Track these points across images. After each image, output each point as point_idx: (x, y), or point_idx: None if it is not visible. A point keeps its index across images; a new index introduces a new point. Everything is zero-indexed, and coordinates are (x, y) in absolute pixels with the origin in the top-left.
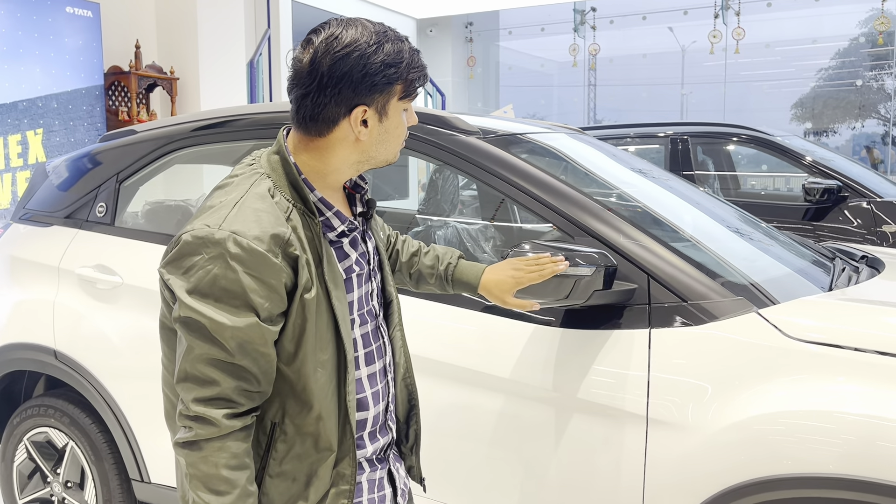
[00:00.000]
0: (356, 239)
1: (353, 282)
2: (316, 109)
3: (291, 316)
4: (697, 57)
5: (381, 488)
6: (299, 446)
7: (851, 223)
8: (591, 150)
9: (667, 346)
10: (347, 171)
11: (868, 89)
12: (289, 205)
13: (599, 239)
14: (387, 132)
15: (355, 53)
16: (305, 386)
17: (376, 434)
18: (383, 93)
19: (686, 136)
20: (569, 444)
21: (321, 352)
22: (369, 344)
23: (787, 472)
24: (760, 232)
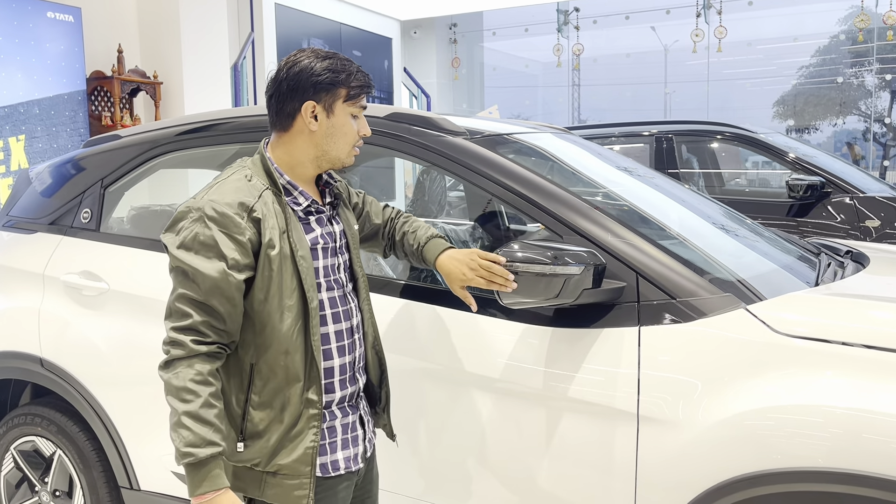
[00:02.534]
0: (322, 219)
1: (319, 252)
2: (279, 105)
3: (259, 268)
4: (680, 56)
5: (353, 430)
6: (273, 379)
7: (835, 219)
8: (577, 149)
9: (656, 344)
10: (309, 165)
11: (849, 86)
12: (263, 187)
13: (588, 238)
14: (334, 128)
15: (305, 62)
16: (274, 327)
17: (346, 383)
18: (328, 92)
19: (671, 135)
20: (560, 443)
21: (287, 298)
22: (336, 306)
23: (777, 467)
24: (746, 228)
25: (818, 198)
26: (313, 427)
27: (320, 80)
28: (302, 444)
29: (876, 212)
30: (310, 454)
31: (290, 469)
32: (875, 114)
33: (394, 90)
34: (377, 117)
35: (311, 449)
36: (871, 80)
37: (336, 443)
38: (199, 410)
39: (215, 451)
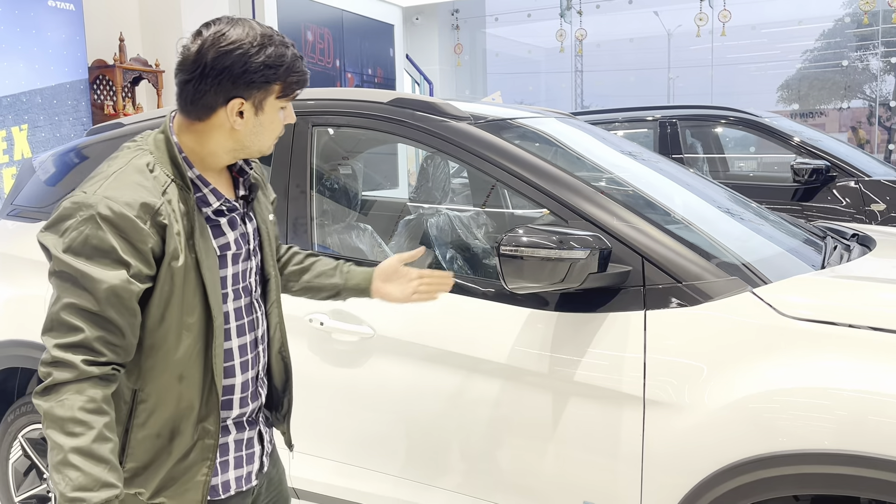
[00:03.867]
0: (235, 220)
1: (228, 259)
2: (196, 95)
3: (159, 282)
4: (684, 41)
5: (249, 447)
6: (162, 406)
7: (840, 202)
8: (581, 133)
9: (662, 328)
10: (224, 156)
11: (853, 70)
12: (167, 179)
13: (593, 222)
14: (261, 125)
15: (238, 51)
16: (169, 349)
17: (247, 400)
18: (261, 90)
19: (675, 120)
20: (566, 428)
21: (188, 316)
22: (241, 317)
23: (784, 449)
24: (751, 212)
25: (823, 182)
26: (207, 459)
27: (254, 80)
28: (194, 476)
29: (882, 195)
30: (201, 486)
31: (179, 501)
32: (880, 97)
33: (396, 77)
34: (381, 103)
35: (202, 481)
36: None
37: (228, 462)
38: (92, 445)
39: (111, 493)
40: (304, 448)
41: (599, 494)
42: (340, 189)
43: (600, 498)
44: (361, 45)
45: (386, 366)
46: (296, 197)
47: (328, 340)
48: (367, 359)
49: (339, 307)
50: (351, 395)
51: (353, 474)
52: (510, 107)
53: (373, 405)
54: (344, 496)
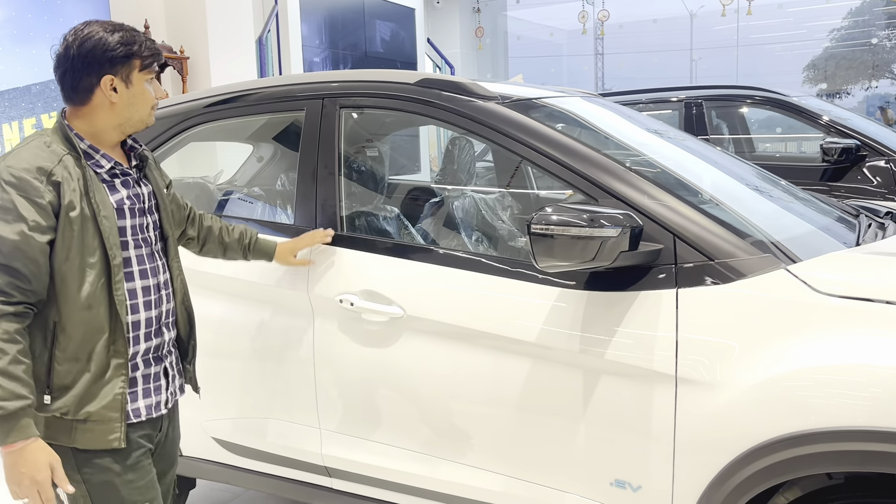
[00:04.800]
0: (128, 181)
1: (126, 212)
2: (75, 82)
3: (60, 229)
4: (709, 21)
5: (156, 380)
6: (77, 334)
7: (870, 182)
8: (608, 112)
9: (695, 306)
10: (112, 132)
11: (881, 49)
12: (63, 152)
13: (624, 200)
14: (134, 97)
15: (96, 36)
16: (76, 282)
17: (151, 335)
18: (124, 65)
19: (700, 100)
20: (597, 406)
21: (89, 257)
22: (143, 263)
23: (818, 427)
24: (782, 190)
25: (853, 161)
26: (121, 375)
27: (116, 54)
28: (111, 391)
29: None
30: (119, 400)
31: (100, 416)
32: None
33: (417, 61)
34: (408, 83)
35: (119, 395)
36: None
37: (137, 392)
38: (8, 367)
39: (24, 403)
40: (334, 427)
41: (631, 473)
42: (368, 171)
43: (632, 476)
44: (383, 29)
45: (416, 346)
46: (324, 178)
47: (358, 321)
48: (397, 339)
49: (370, 289)
50: (381, 374)
51: (385, 453)
52: (537, 87)
53: (403, 385)
54: (374, 474)
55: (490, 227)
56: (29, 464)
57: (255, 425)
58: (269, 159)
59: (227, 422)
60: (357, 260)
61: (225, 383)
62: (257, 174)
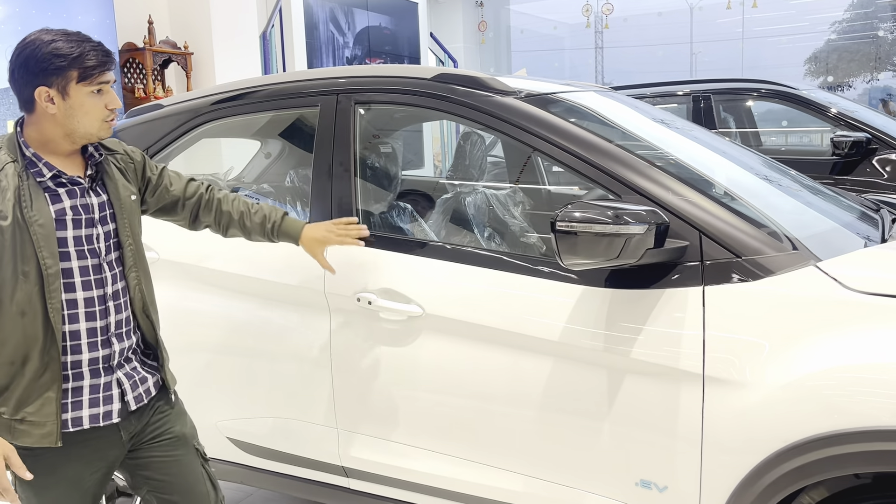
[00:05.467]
0: (75, 191)
1: (68, 222)
2: (17, 91)
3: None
4: (713, 13)
5: (106, 390)
6: (11, 338)
7: (881, 175)
8: (625, 107)
9: (722, 303)
10: (61, 141)
11: (884, 41)
12: (7, 160)
13: (648, 196)
14: (73, 109)
15: (30, 47)
16: (9, 289)
17: (96, 346)
18: (59, 76)
19: (708, 94)
20: (622, 405)
21: (23, 264)
22: (87, 274)
23: (852, 427)
24: (801, 184)
25: (863, 154)
26: (57, 380)
27: (47, 66)
28: (46, 394)
29: None
30: (52, 402)
31: (36, 416)
32: None
33: (420, 56)
34: (424, 79)
35: (53, 398)
36: None
37: (82, 402)
38: None
39: None
40: (352, 427)
41: (657, 473)
42: (382, 168)
43: (658, 477)
44: (386, 23)
45: (436, 345)
46: (340, 175)
47: (376, 319)
48: (416, 338)
49: (388, 287)
50: (400, 374)
51: (403, 453)
52: (551, 81)
53: (422, 384)
54: (393, 474)
55: (505, 223)
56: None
57: (270, 425)
58: (277, 156)
59: (241, 421)
60: (375, 257)
61: (238, 383)
62: (265, 171)
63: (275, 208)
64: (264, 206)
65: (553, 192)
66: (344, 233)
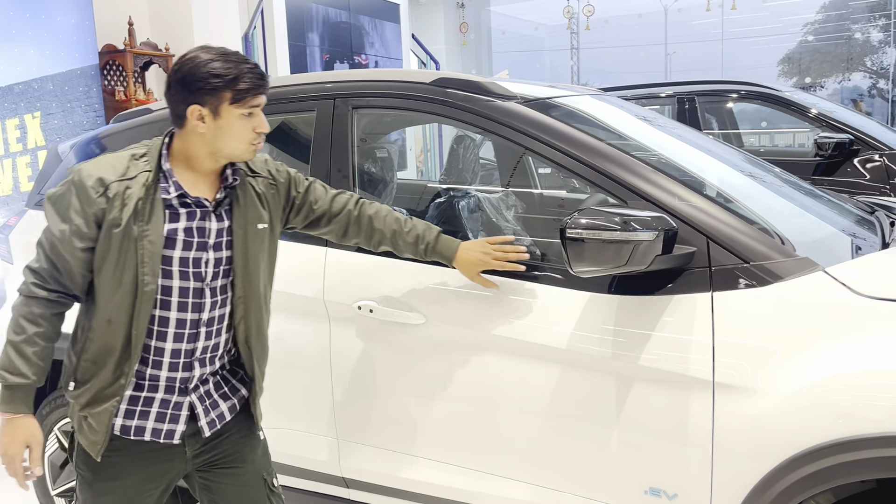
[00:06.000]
0: (195, 213)
1: (178, 242)
2: (171, 106)
3: (100, 241)
4: (692, 15)
5: (176, 408)
6: (97, 340)
7: (863, 177)
8: (622, 111)
9: (731, 309)
10: (205, 159)
11: (855, 42)
12: (144, 168)
13: (655, 202)
14: (221, 130)
15: (189, 65)
16: (105, 296)
17: (178, 367)
18: (213, 96)
19: (692, 95)
20: (631, 413)
21: (124, 274)
22: (186, 296)
23: (864, 433)
24: (800, 191)
25: (846, 156)
26: (118, 395)
27: (203, 85)
28: (106, 404)
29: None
30: (107, 414)
31: (94, 420)
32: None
33: (402, 57)
34: (423, 83)
35: (110, 411)
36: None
37: (150, 413)
38: (21, 344)
39: (22, 381)
40: (352, 437)
41: (667, 481)
42: (378, 173)
43: (668, 484)
44: (368, 25)
45: (439, 353)
46: (338, 181)
47: (377, 327)
48: (419, 346)
49: (389, 295)
50: (402, 383)
51: (406, 463)
52: (546, 85)
53: (426, 393)
54: (395, 485)
55: (496, 228)
56: (9, 435)
57: (268, 436)
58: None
59: None
60: (375, 265)
61: None
62: None
63: (429, 226)
64: (418, 223)
65: (546, 196)
66: (502, 256)
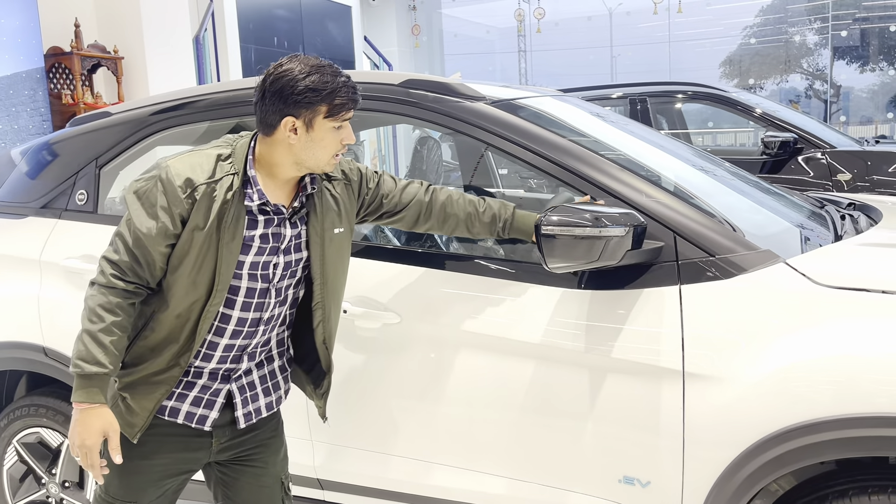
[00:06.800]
0: (272, 220)
1: (253, 249)
2: (262, 114)
3: (182, 239)
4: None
5: (214, 394)
6: (159, 330)
7: (808, 174)
8: (583, 112)
9: (698, 301)
10: (288, 168)
11: (792, 45)
12: (229, 170)
13: (623, 199)
14: (313, 142)
15: (287, 77)
16: (178, 292)
17: (227, 360)
18: (308, 109)
19: (644, 96)
20: (604, 404)
21: (200, 275)
22: (252, 297)
23: (825, 416)
24: (754, 186)
25: (791, 154)
26: (169, 384)
27: (300, 98)
28: (152, 393)
29: (848, 166)
30: (154, 400)
31: (134, 403)
32: (816, 71)
33: (355, 59)
34: (392, 84)
35: (155, 399)
36: (812, 38)
37: (188, 396)
38: (98, 333)
39: (100, 371)
40: (326, 438)
41: (639, 469)
42: None
43: (640, 472)
44: (320, 27)
45: (413, 351)
46: None
47: (351, 327)
48: (393, 345)
49: (363, 294)
50: (376, 382)
51: (382, 461)
52: (508, 86)
53: (401, 391)
54: (371, 483)
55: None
56: (85, 425)
57: None
58: None
59: None
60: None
61: None
62: None
63: (504, 204)
64: (492, 202)
65: (510, 195)
66: None
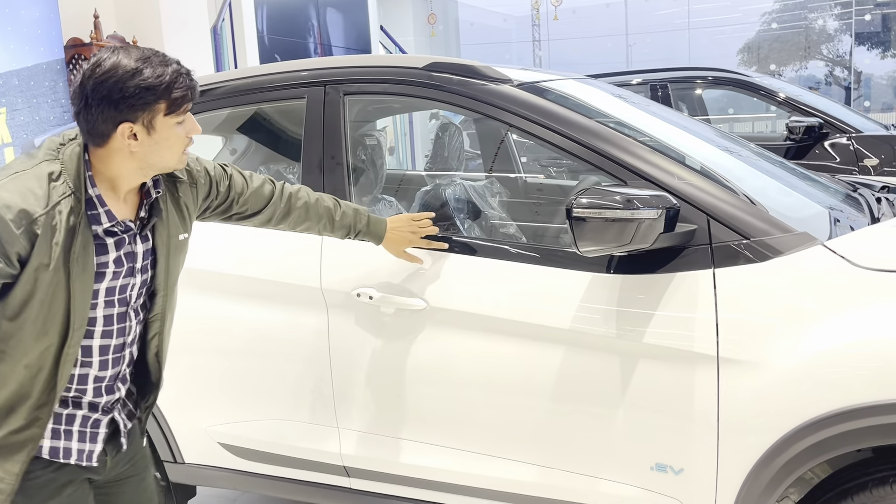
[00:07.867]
0: (123, 240)
1: (107, 275)
2: (89, 125)
3: (21, 282)
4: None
5: (95, 427)
6: (6, 386)
7: (833, 160)
8: (610, 96)
9: (733, 285)
10: (133, 176)
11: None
12: (66, 191)
13: (655, 182)
14: (157, 143)
15: (112, 78)
16: (22, 340)
17: (101, 391)
18: (145, 111)
19: (665, 82)
20: (636, 390)
21: (49, 316)
22: (111, 324)
23: (866, 402)
24: (784, 169)
25: (816, 139)
26: (32, 441)
27: (134, 101)
28: (17, 453)
29: (875, 151)
30: (19, 463)
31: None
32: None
33: (371, 49)
34: (416, 68)
35: (21, 460)
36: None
37: (72, 432)
38: None
39: None
40: (353, 426)
41: (672, 456)
42: (370, 160)
43: (673, 460)
44: (336, 17)
45: (441, 338)
46: (332, 169)
47: (377, 315)
48: (421, 332)
49: (389, 281)
50: (403, 370)
51: (410, 449)
52: (532, 70)
53: (429, 378)
54: (398, 471)
55: (498, 213)
56: None
57: (267, 427)
58: (243, 151)
59: (234, 425)
60: (374, 251)
61: (231, 385)
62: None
63: (357, 209)
64: (347, 208)
65: (533, 182)
66: (429, 231)
